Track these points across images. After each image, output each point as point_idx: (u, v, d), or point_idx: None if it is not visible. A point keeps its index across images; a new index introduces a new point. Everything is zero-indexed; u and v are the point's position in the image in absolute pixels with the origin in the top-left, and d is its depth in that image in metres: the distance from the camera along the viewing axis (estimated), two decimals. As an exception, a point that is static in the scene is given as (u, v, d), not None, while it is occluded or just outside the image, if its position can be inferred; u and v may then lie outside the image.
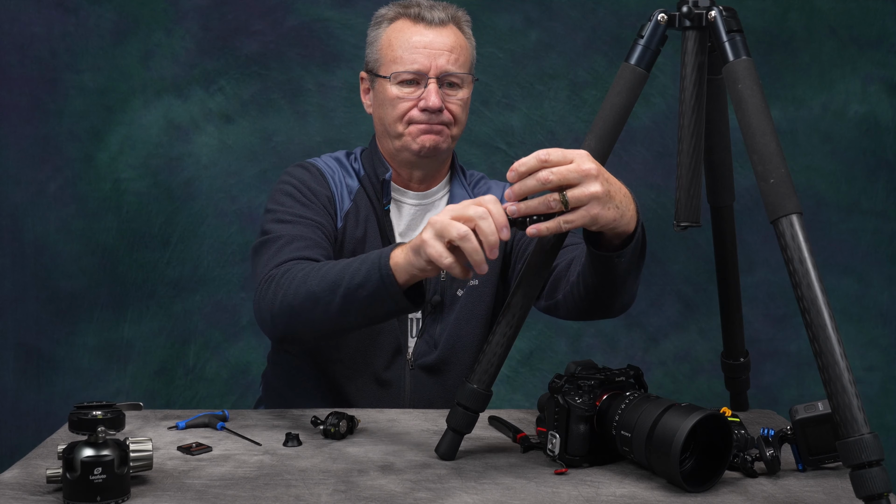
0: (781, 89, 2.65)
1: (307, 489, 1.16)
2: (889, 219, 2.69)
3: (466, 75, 1.64)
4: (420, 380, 1.66)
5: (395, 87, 1.62)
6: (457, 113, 1.64)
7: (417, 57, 1.60)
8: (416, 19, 1.63)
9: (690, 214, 1.31)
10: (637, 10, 2.59)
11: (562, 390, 1.27)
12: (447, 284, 1.67)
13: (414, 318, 1.67)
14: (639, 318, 2.68)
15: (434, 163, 1.68)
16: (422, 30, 1.62)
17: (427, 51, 1.61)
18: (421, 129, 1.62)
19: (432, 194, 1.72)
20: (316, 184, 1.64)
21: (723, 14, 1.25)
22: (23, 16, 2.52)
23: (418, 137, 1.62)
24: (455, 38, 1.64)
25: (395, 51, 1.62)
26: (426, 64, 1.60)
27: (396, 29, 1.64)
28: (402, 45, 1.62)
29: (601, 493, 1.17)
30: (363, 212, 1.66)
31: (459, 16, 1.67)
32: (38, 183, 2.55)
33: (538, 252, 1.30)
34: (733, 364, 1.60)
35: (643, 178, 2.65)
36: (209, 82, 2.57)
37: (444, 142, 1.64)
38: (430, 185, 1.72)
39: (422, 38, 1.62)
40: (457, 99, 1.64)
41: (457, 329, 1.67)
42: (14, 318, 2.56)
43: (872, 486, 1.04)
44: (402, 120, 1.63)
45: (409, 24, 1.63)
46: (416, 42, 1.61)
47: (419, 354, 1.66)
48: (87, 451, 1.08)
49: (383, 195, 1.66)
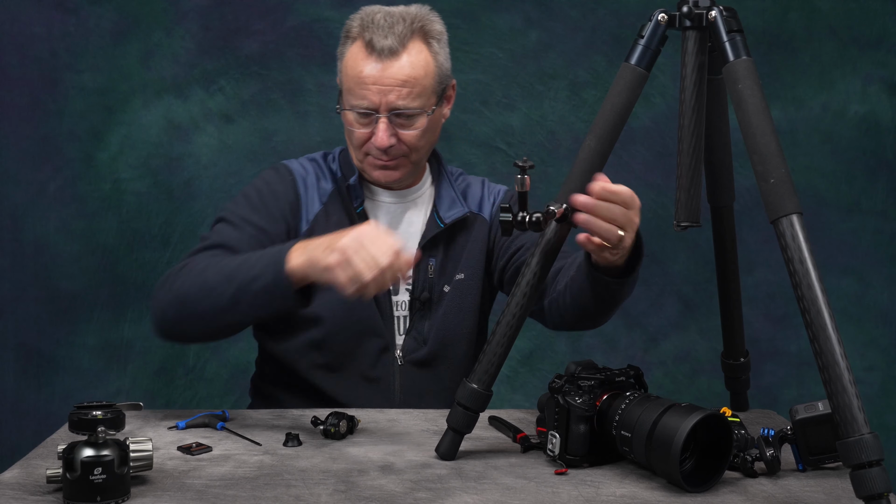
0: (781, 89, 2.65)
1: (307, 489, 1.16)
2: (889, 219, 2.69)
3: (419, 111, 1.57)
4: (411, 375, 1.66)
5: (352, 115, 1.59)
6: (412, 143, 1.59)
7: (367, 93, 1.55)
8: (368, 48, 1.54)
9: (690, 214, 1.31)
10: (637, 10, 2.58)
11: (562, 390, 1.27)
12: (434, 281, 1.68)
13: (401, 316, 1.67)
14: (639, 318, 2.68)
15: (400, 184, 1.67)
16: (372, 63, 1.54)
17: (377, 87, 1.54)
18: (376, 164, 1.61)
19: (412, 192, 1.71)
20: (282, 186, 1.65)
21: (723, 14, 1.25)
22: (23, 16, 2.52)
23: (374, 171, 1.62)
24: (410, 67, 1.55)
25: (349, 81, 1.58)
26: (375, 101, 1.55)
27: (352, 56, 1.58)
28: (354, 77, 1.56)
29: (601, 493, 1.17)
30: (335, 216, 1.65)
31: (427, 30, 1.59)
32: (38, 183, 2.55)
33: (540, 254, 1.30)
34: (733, 364, 1.60)
35: (643, 178, 2.65)
36: (209, 82, 2.57)
37: (402, 173, 1.63)
38: (408, 185, 1.71)
39: (371, 71, 1.54)
40: (412, 129, 1.58)
41: (445, 323, 1.68)
42: (14, 318, 2.56)
43: (872, 486, 1.04)
44: (361, 150, 1.61)
45: (363, 52, 1.55)
46: (366, 77, 1.54)
47: (408, 351, 1.66)
48: (87, 451, 1.09)
49: (353, 198, 1.65)
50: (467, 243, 1.71)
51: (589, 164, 1.29)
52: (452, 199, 1.71)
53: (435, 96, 1.61)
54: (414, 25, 1.57)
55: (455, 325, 1.69)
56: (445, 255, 1.69)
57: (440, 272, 1.68)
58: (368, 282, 1.28)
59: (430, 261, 1.67)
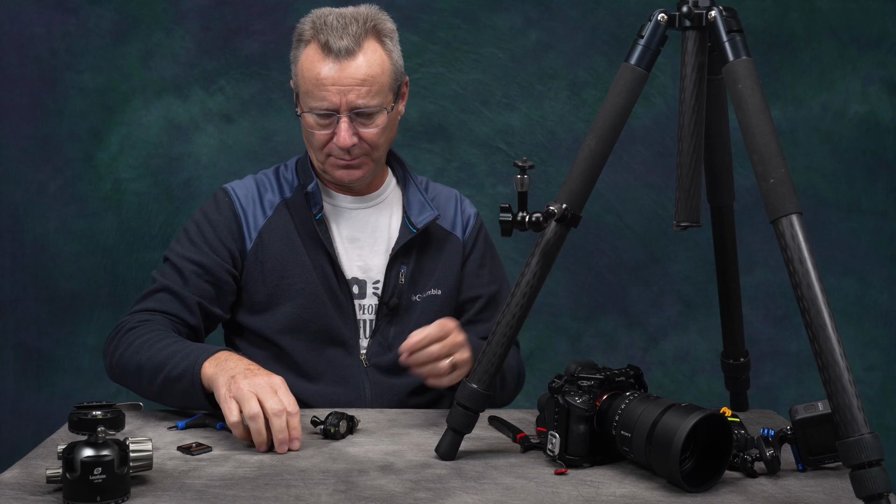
0: (781, 89, 2.65)
1: (307, 489, 1.16)
2: (889, 219, 2.69)
3: (378, 108, 1.58)
4: (377, 379, 1.66)
5: (311, 118, 1.60)
6: (373, 140, 1.60)
7: (327, 94, 1.56)
8: (324, 49, 1.55)
9: (690, 214, 1.31)
10: (637, 10, 2.58)
11: (562, 390, 1.27)
12: (404, 288, 1.68)
13: (367, 320, 1.68)
14: (639, 318, 2.68)
15: (361, 183, 1.69)
16: (330, 63, 1.55)
17: (336, 87, 1.55)
18: (338, 164, 1.62)
19: (374, 196, 1.73)
20: (217, 214, 1.67)
21: (723, 14, 1.25)
22: (23, 16, 2.52)
23: (337, 171, 1.63)
24: (367, 66, 1.56)
25: (306, 84, 1.58)
26: (335, 101, 1.56)
27: (308, 58, 1.58)
28: (311, 80, 1.57)
29: (601, 493, 1.17)
30: (284, 227, 1.66)
31: (380, 29, 1.60)
32: (38, 183, 2.55)
33: (539, 254, 1.30)
34: (733, 364, 1.60)
35: (643, 178, 2.65)
36: (209, 82, 2.57)
37: (364, 171, 1.64)
38: (369, 189, 1.73)
39: (329, 72, 1.55)
40: (373, 127, 1.60)
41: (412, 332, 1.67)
42: (14, 318, 2.56)
43: (872, 486, 1.04)
44: (322, 151, 1.63)
45: (319, 54, 1.56)
46: (325, 78, 1.55)
47: (372, 354, 1.67)
48: (87, 451, 1.08)
49: (311, 205, 1.66)
50: (440, 259, 1.72)
51: (589, 164, 1.29)
52: (422, 204, 1.72)
53: (392, 94, 1.63)
54: (367, 25, 1.58)
55: None
56: (417, 264, 1.70)
57: (410, 280, 1.69)
58: (258, 421, 1.31)
59: (402, 267, 1.68)
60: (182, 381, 1.44)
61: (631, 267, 2.67)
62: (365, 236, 1.71)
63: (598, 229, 2.65)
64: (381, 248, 1.70)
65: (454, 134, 2.62)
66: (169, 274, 1.65)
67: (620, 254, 2.67)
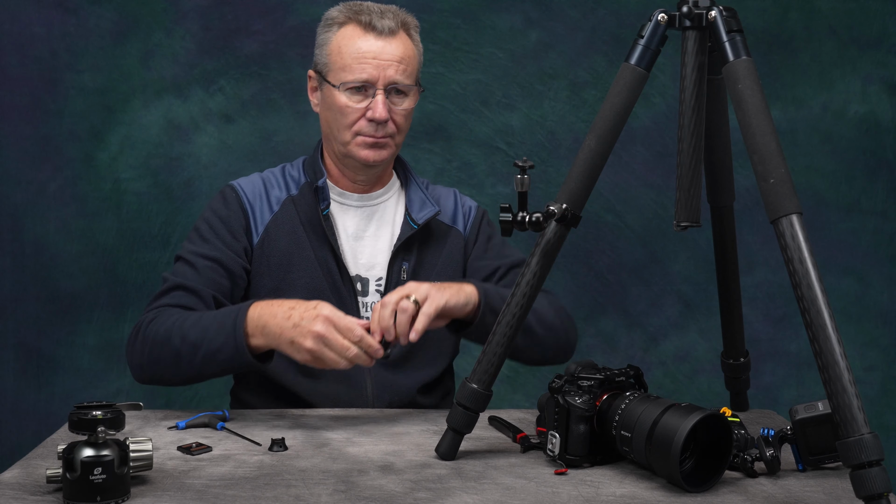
0: (781, 89, 2.65)
1: (307, 489, 1.16)
2: (889, 219, 2.69)
3: (413, 86, 1.65)
4: (381, 376, 1.66)
5: (344, 95, 1.63)
6: (401, 123, 1.66)
7: (366, 67, 1.60)
8: (366, 27, 1.62)
9: (690, 214, 1.31)
10: (637, 10, 2.58)
11: (562, 390, 1.27)
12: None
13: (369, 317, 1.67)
14: (639, 318, 2.68)
15: (378, 169, 1.71)
16: (371, 39, 1.62)
17: (376, 61, 1.61)
18: (367, 142, 1.64)
19: (377, 196, 1.75)
20: (227, 210, 1.68)
21: (723, 14, 1.25)
22: (23, 16, 2.52)
23: (363, 150, 1.65)
24: (404, 47, 1.64)
25: (343, 59, 1.62)
26: (375, 74, 1.60)
27: (346, 36, 1.64)
28: (351, 53, 1.62)
29: (601, 493, 1.17)
30: (289, 223, 1.67)
31: (409, 22, 1.67)
32: (38, 183, 2.55)
33: (539, 254, 1.30)
34: (733, 364, 1.60)
35: (643, 178, 2.65)
36: (209, 82, 2.57)
37: (388, 152, 1.67)
38: (374, 187, 1.74)
39: (371, 47, 1.61)
40: (402, 109, 1.65)
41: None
42: (14, 318, 2.56)
43: (872, 486, 1.04)
44: (350, 130, 1.64)
45: (359, 31, 1.63)
46: (366, 52, 1.61)
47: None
48: (87, 451, 1.09)
49: (320, 201, 1.67)
50: (442, 253, 1.73)
51: (589, 164, 1.29)
52: (423, 201, 1.74)
53: (416, 87, 1.68)
54: (401, 17, 1.66)
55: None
56: (418, 260, 1.71)
57: (412, 276, 1.70)
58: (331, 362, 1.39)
59: (404, 263, 1.69)
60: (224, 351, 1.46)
61: (631, 267, 2.67)
62: (368, 234, 1.72)
63: (598, 229, 2.65)
64: (383, 246, 1.71)
65: (454, 134, 2.62)
66: (181, 271, 1.64)
67: (620, 254, 2.67)
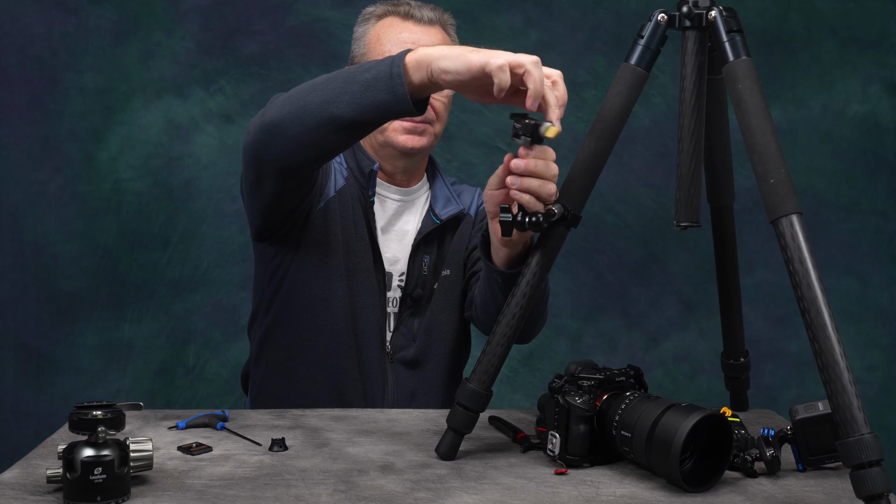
0: (781, 89, 2.65)
1: (307, 489, 1.16)
2: (889, 219, 2.69)
3: None
4: (400, 374, 1.67)
5: None
6: (440, 110, 1.67)
7: None
8: (405, 17, 1.66)
9: (690, 214, 1.31)
10: (637, 10, 2.59)
11: (562, 390, 1.27)
12: (428, 278, 1.70)
13: (391, 312, 1.69)
14: (639, 318, 2.68)
15: (417, 159, 1.71)
16: (411, 27, 1.65)
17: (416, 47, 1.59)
18: (406, 127, 1.64)
19: (413, 191, 1.75)
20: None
21: (723, 14, 1.25)
22: (23, 16, 2.52)
23: (401, 136, 1.64)
24: (442, 37, 1.67)
25: (383, 45, 1.64)
26: None
27: (385, 25, 1.66)
28: (390, 40, 1.64)
29: (601, 493, 1.17)
30: (348, 205, 1.65)
31: (445, 18, 1.70)
32: (38, 183, 2.55)
33: (539, 254, 1.30)
34: (733, 364, 1.60)
35: (643, 178, 2.65)
36: (209, 82, 2.57)
37: (426, 140, 1.67)
38: (412, 181, 1.74)
39: (410, 34, 1.64)
40: (441, 95, 1.66)
41: (432, 319, 1.70)
42: (14, 318, 2.56)
43: (872, 486, 1.04)
44: None
45: (399, 21, 1.66)
46: (405, 38, 1.63)
47: (398, 348, 1.68)
48: (87, 451, 1.08)
49: (369, 186, 1.66)
50: (455, 241, 1.75)
51: (589, 165, 1.29)
52: (447, 198, 1.74)
53: None
54: (437, 12, 1.69)
55: (442, 322, 1.71)
56: (439, 254, 1.72)
57: (432, 270, 1.71)
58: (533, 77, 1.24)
59: (425, 258, 1.70)
60: (374, 70, 1.26)
61: (631, 267, 2.67)
62: (395, 228, 1.72)
63: (598, 229, 2.65)
64: (408, 242, 1.71)
65: (454, 134, 2.62)
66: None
67: (620, 254, 2.67)
